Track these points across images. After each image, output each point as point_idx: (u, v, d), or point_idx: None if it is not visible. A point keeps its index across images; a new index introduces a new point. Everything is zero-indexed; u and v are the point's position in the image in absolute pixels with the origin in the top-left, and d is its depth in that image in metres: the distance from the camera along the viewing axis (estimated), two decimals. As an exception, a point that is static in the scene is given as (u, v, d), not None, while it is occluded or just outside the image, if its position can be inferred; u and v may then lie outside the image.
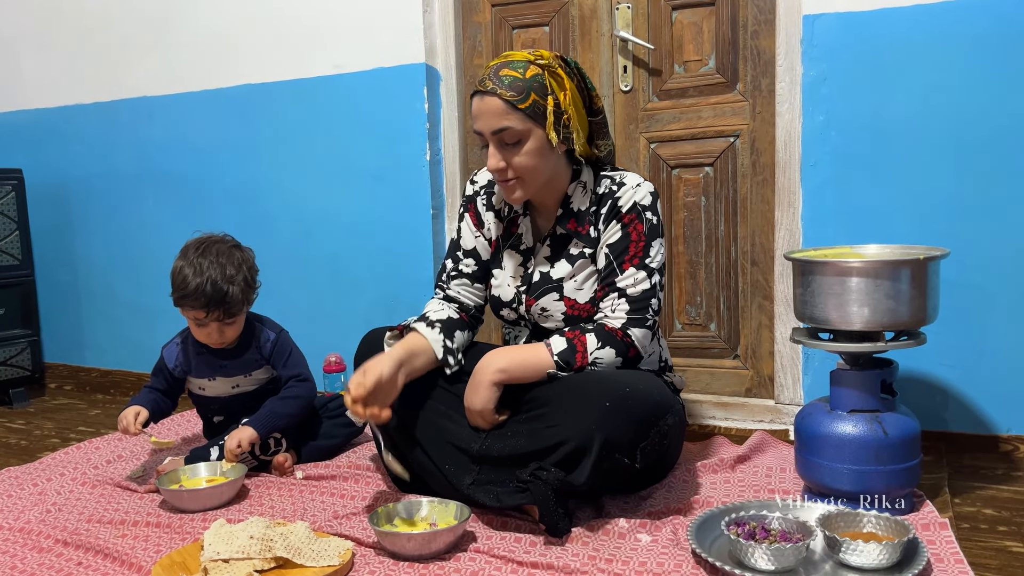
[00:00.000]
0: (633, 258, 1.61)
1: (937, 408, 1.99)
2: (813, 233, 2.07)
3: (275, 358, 1.99)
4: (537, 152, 1.56)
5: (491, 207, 1.78)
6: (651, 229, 1.62)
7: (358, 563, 1.43)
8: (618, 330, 1.59)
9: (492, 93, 1.53)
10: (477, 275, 1.79)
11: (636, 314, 1.60)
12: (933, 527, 1.46)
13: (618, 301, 1.60)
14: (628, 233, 1.62)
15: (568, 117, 1.57)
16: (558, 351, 1.58)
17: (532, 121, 1.54)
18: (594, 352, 1.57)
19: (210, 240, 1.93)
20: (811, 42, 2.02)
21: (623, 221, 1.62)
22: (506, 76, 1.54)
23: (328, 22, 2.58)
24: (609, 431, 1.45)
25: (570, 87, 1.57)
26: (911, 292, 1.52)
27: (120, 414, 1.91)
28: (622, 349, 1.58)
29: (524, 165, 1.57)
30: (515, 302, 1.74)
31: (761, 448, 1.96)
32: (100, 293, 3.11)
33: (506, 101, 1.52)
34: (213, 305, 1.84)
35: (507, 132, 1.54)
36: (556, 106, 1.55)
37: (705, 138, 2.24)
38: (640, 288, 1.60)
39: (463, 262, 1.79)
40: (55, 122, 3.10)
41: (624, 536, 1.49)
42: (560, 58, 1.59)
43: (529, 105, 1.53)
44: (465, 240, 1.80)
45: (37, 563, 1.49)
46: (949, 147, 1.93)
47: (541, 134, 1.55)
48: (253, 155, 2.75)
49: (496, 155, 1.57)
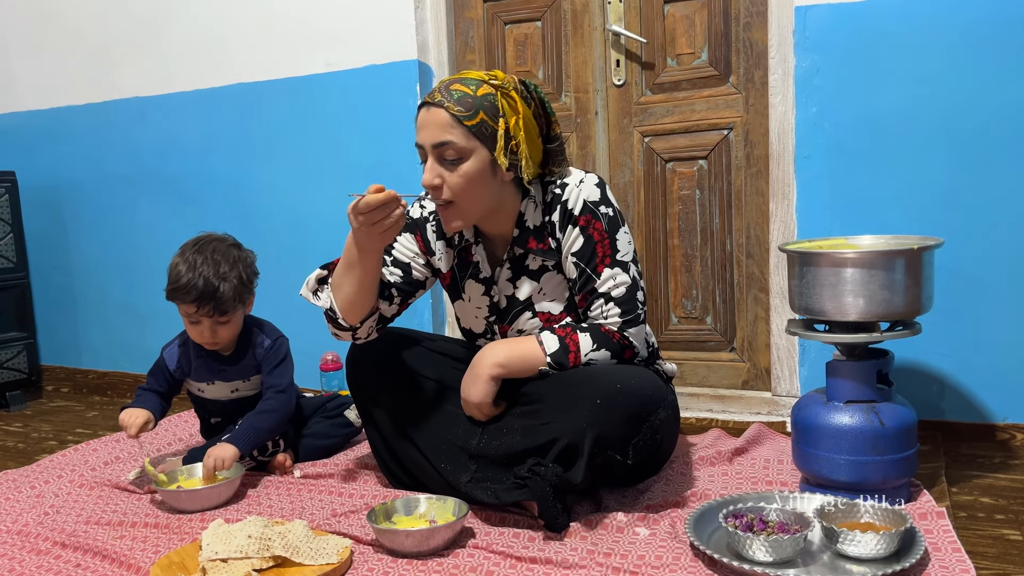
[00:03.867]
0: (604, 259, 1.56)
1: (933, 398, 1.99)
2: (808, 224, 2.07)
3: (265, 363, 1.97)
4: (476, 175, 1.49)
5: (442, 235, 1.70)
6: (610, 223, 1.57)
7: (357, 561, 1.43)
8: (615, 332, 1.58)
9: (439, 105, 1.48)
10: (401, 287, 1.70)
11: (627, 315, 1.57)
12: (930, 516, 1.47)
13: (607, 306, 1.57)
14: (590, 235, 1.56)
15: (516, 143, 1.50)
16: (551, 351, 1.56)
17: (476, 140, 1.48)
18: (588, 353, 1.55)
19: (209, 238, 1.93)
20: (803, 34, 2.02)
21: (579, 224, 1.56)
22: (456, 91, 1.48)
23: (319, 20, 2.57)
24: (600, 428, 1.45)
25: (523, 111, 1.51)
26: (906, 282, 1.52)
27: (124, 411, 1.90)
28: (618, 351, 1.58)
29: (459, 186, 1.49)
30: (488, 332, 1.73)
31: (758, 440, 1.96)
32: (95, 294, 3.10)
33: (452, 115, 1.47)
34: (204, 300, 1.83)
35: (448, 147, 1.47)
36: (506, 130, 1.49)
37: (699, 131, 2.24)
38: (622, 287, 1.57)
39: (385, 270, 1.70)
40: (47, 124, 3.09)
41: (622, 530, 1.49)
42: (521, 82, 1.54)
43: (476, 123, 1.47)
44: (398, 252, 1.70)
45: (35, 565, 1.48)
46: (942, 137, 1.93)
47: (484, 156, 1.49)
48: (246, 154, 2.75)
49: (433, 169, 1.50)
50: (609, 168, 2.35)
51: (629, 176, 2.33)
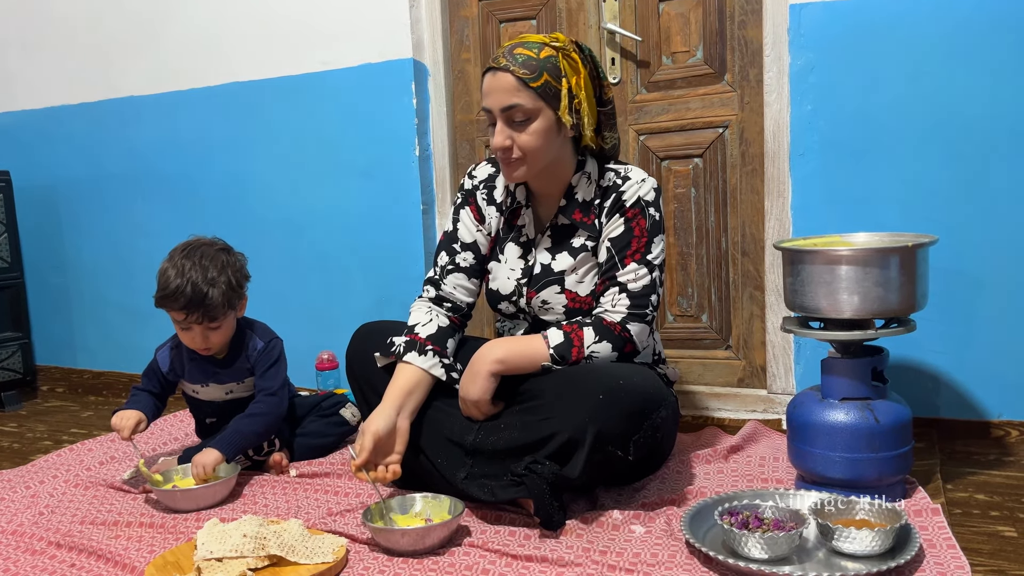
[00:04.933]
0: (635, 253, 1.61)
1: (928, 395, 2.00)
2: (803, 222, 2.07)
3: (257, 366, 1.95)
4: (544, 133, 1.56)
5: (492, 201, 1.77)
6: (653, 225, 1.63)
7: (352, 560, 1.43)
8: (616, 324, 1.59)
9: (505, 70, 1.53)
10: (474, 269, 1.77)
11: (636, 309, 1.60)
12: (925, 513, 1.47)
13: (619, 296, 1.60)
14: (631, 228, 1.62)
15: (579, 102, 1.57)
16: (554, 344, 1.58)
17: (542, 101, 1.54)
18: (590, 346, 1.57)
19: (197, 243, 1.90)
20: (798, 31, 2.02)
21: (626, 215, 1.62)
22: (520, 55, 1.54)
23: (315, 19, 2.57)
24: (602, 423, 1.45)
25: (584, 72, 1.57)
26: (900, 279, 1.52)
27: (116, 414, 1.89)
28: (619, 344, 1.59)
29: (530, 145, 1.56)
30: (515, 295, 1.74)
31: (754, 438, 1.96)
32: (91, 294, 3.10)
33: (518, 78, 1.52)
34: (192, 307, 1.81)
35: (517, 109, 1.53)
36: (568, 89, 1.55)
37: (694, 129, 2.24)
38: (641, 283, 1.60)
39: (460, 255, 1.76)
40: (42, 123, 3.08)
41: (618, 528, 1.49)
42: (575, 43, 1.59)
43: (541, 85, 1.52)
44: (463, 233, 1.77)
45: (30, 565, 1.48)
46: (936, 134, 1.93)
47: (550, 115, 1.55)
48: (242, 153, 2.74)
49: (504, 132, 1.56)
50: (605, 166, 2.35)
51: (625, 174, 2.33)
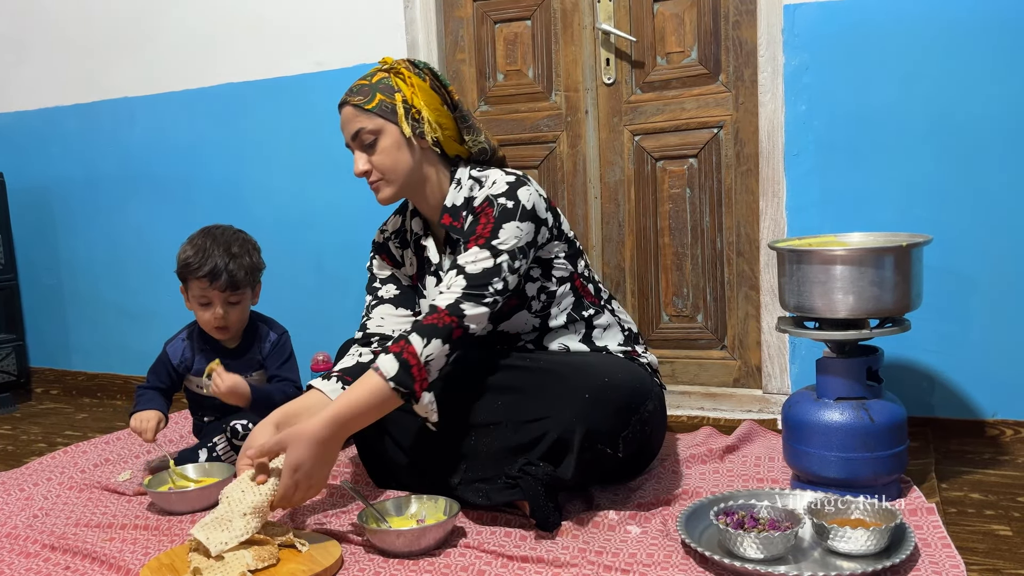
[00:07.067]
0: (478, 239, 1.57)
1: (923, 394, 2.00)
2: (797, 222, 2.07)
3: (272, 357, 1.98)
4: (393, 148, 1.61)
5: (405, 244, 1.81)
6: (503, 212, 1.57)
7: (348, 561, 1.43)
8: (441, 310, 1.51)
9: (345, 104, 1.63)
10: (401, 298, 1.79)
11: (472, 290, 1.52)
12: (921, 512, 1.47)
13: (456, 278, 1.54)
14: (478, 219, 1.61)
15: (416, 111, 1.62)
16: (391, 376, 1.46)
17: (381, 118, 1.60)
18: (423, 353, 1.48)
19: (216, 226, 1.97)
20: (792, 31, 2.02)
21: (475, 211, 1.63)
22: (355, 86, 1.64)
23: (309, 20, 2.57)
24: (590, 422, 1.45)
25: (418, 83, 1.64)
26: (895, 279, 1.52)
27: (135, 417, 1.88)
28: (445, 334, 1.50)
29: (384, 162, 1.62)
30: None
31: (750, 438, 1.96)
32: (85, 296, 3.09)
33: (355, 106, 1.61)
34: (217, 275, 1.85)
35: (362, 132, 1.61)
36: (404, 101, 1.61)
37: (689, 129, 2.25)
38: (481, 266, 1.53)
39: (382, 289, 1.80)
40: (35, 125, 3.07)
41: (614, 528, 1.49)
42: (409, 61, 1.67)
43: (376, 104, 1.60)
44: (378, 271, 1.82)
45: (24, 568, 1.48)
46: (930, 134, 1.93)
47: (394, 130, 1.61)
48: (236, 155, 2.74)
49: (361, 158, 1.63)
50: (599, 167, 2.35)
51: (620, 175, 2.33)
